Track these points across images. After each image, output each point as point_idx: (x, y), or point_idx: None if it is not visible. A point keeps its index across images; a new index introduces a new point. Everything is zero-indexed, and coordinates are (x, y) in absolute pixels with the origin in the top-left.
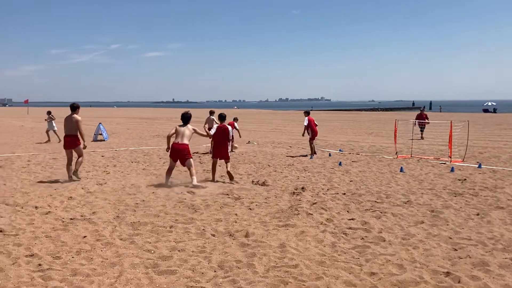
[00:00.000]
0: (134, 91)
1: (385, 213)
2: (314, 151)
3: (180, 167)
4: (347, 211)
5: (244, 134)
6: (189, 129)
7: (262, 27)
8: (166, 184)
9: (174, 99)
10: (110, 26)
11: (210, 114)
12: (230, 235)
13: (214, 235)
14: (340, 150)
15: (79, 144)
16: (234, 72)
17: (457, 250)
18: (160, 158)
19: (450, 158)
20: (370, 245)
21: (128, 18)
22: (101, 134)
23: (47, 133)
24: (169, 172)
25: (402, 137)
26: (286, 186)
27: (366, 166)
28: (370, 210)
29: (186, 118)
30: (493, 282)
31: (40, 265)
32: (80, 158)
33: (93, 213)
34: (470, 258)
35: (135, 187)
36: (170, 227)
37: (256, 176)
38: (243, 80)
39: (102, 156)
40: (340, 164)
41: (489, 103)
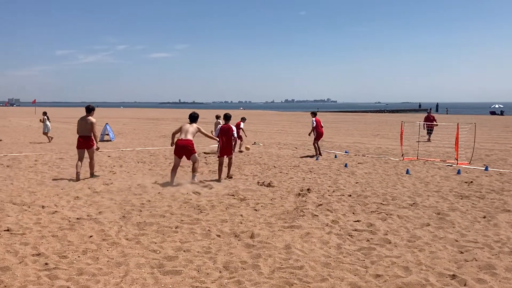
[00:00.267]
0: (140, 92)
1: (391, 215)
2: (319, 152)
3: (185, 168)
4: (353, 213)
5: (249, 135)
6: (193, 127)
7: (269, 28)
8: (171, 183)
9: (180, 100)
10: (117, 27)
11: (217, 118)
12: (236, 236)
13: (219, 236)
14: (346, 152)
15: (93, 145)
16: (240, 73)
17: (463, 253)
18: (166, 159)
19: (457, 160)
20: (375, 247)
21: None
22: (107, 135)
23: (45, 134)
24: (174, 170)
25: (409, 139)
26: (291, 188)
27: (372, 168)
28: (376, 212)
29: (193, 117)
30: (499, 285)
31: (46, 264)
32: (92, 161)
33: (99, 213)
34: (476, 261)
35: (141, 187)
36: (176, 228)
37: (261, 177)
38: (249, 81)
39: (109, 156)
40: (346, 165)
41: (496, 106)
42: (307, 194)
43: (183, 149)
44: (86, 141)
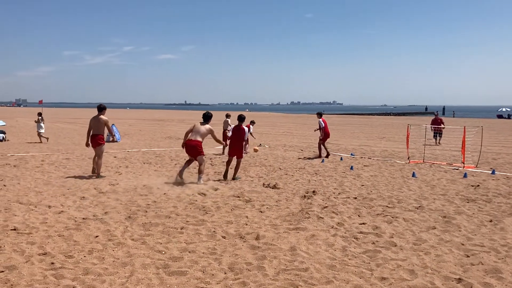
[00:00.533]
0: (146, 93)
1: (396, 218)
2: (328, 153)
3: (191, 169)
4: (358, 216)
5: (255, 136)
6: (206, 128)
7: (275, 30)
8: (180, 172)
9: (186, 101)
10: (124, 28)
11: (226, 117)
12: (241, 238)
13: (224, 237)
14: (351, 154)
15: (103, 144)
16: (246, 75)
17: (469, 257)
18: (171, 160)
19: (463, 164)
20: (381, 249)
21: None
22: (112, 136)
23: (38, 135)
24: (188, 162)
25: (415, 142)
26: (297, 190)
27: (378, 170)
28: (382, 215)
29: (206, 117)
30: None
31: (52, 263)
32: (99, 160)
33: (105, 213)
34: (483, 265)
35: (147, 188)
36: (181, 228)
37: (267, 179)
38: (255, 83)
39: (115, 157)
40: (351, 168)
41: (503, 109)
42: (313, 196)
43: (192, 149)
44: (96, 139)
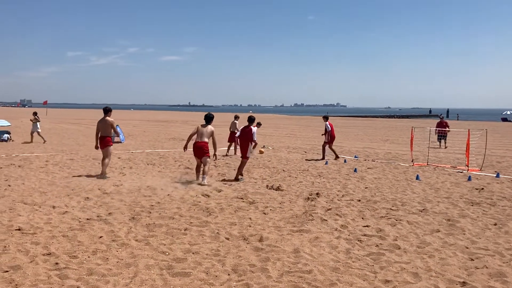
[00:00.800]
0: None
1: (400, 220)
2: (336, 156)
3: (194, 171)
4: (362, 218)
5: (259, 138)
6: (209, 129)
7: (278, 33)
8: (197, 180)
9: (190, 103)
10: (129, 30)
11: (235, 118)
12: (244, 239)
13: (228, 239)
14: (355, 157)
15: (110, 145)
16: (250, 76)
17: (473, 260)
18: (175, 161)
19: (467, 166)
20: (385, 252)
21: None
22: (118, 136)
23: (31, 134)
24: (198, 169)
25: (419, 144)
26: (300, 192)
27: (382, 173)
28: (385, 218)
29: (208, 118)
30: None
31: (57, 263)
32: (106, 160)
33: (109, 214)
34: (487, 268)
35: (151, 189)
36: (185, 230)
37: (270, 180)
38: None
39: (119, 158)
40: (355, 170)
41: (508, 112)
42: (316, 198)
43: (199, 150)
44: (103, 141)
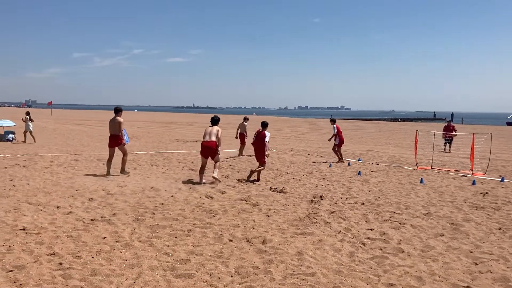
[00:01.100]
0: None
1: (404, 224)
2: (341, 158)
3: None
4: (366, 221)
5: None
6: (216, 129)
7: (283, 35)
8: (200, 182)
9: (194, 105)
10: (134, 31)
11: (244, 120)
12: (248, 241)
13: (231, 241)
14: (359, 160)
15: (121, 143)
16: (253, 78)
17: (477, 265)
18: (179, 162)
19: (472, 171)
20: (388, 256)
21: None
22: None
23: (24, 134)
24: (202, 170)
25: (423, 148)
26: (304, 194)
27: (386, 176)
28: (389, 221)
29: (214, 120)
30: None
31: (61, 264)
32: (125, 157)
33: (113, 214)
34: (491, 273)
35: (155, 190)
36: (188, 231)
37: (274, 183)
38: (263, 86)
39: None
40: (359, 173)
41: None
42: (320, 201)
43: (208, 149)
44: (115, 140)
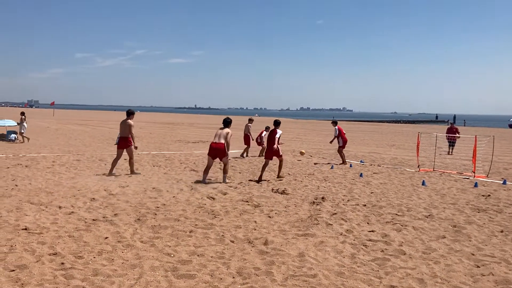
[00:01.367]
0: (157, 97)
1: (406, 226)
2: (344, 161)
3: (199, 173)
4: (367, 223)
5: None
6: (226, 131)
7: (285, 36)
8: (203, 181)
9: (196, 105)
10: (136, 32)
11: (249, 121)
12: (249, 242)
13: (233, 242)
14: (361, 161)
15: (131, 145)
16: (256, 80)
17: (479, 267)
18: (181, 163)
19: (474, 173)
20: (390, 258)
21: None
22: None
23: (21, 134)
24: (206, 171)
25: (425, 150)
26: (306, 196)
27: (388, 178)
28: (391, 223)
29: (226, 122)
30: None
31: (62, 263)
32: (131, 160)
33: (115, 215)
34: (493, 275)
35: (156, 191)
36: (190, 232)
37: (276, 184)
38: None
39: (125, 159)
40: (361, 175)
41: None
42: (322, 202)
43: (216, 151)
44: (124, 141)
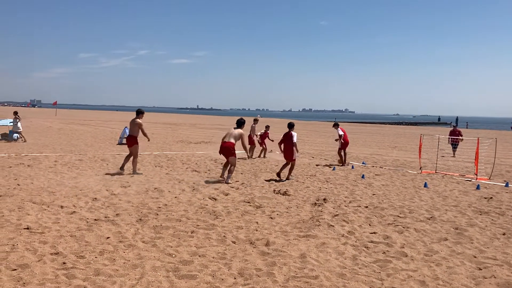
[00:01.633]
0: (159, 97)
1: (407, 228)
2: (345, 161)
3: (201, 173)
4: (369, 225)
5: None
6: (238, 131)
7: (289, 37)
8: (222, 175)
9: (198, 106)
10: (140, 32)
11: (254, 122)
12: (251, 243)
13: (234, 242)
14: (363, 163)
15: (135, 144)
16: (258, 81)
17: (481, 270)
18: (183, 164)
19: (476, 175)
20: (391, 259)
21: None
22: (125, 138)
23: (21, 134)
24: (225, 165)
25: (427, 152)
26: (307, 197)
27: (390, 180)
28: (393, 225)
29: (239, 123)
30: None
31: (64, 263)
32: (134, 159)
33: (116, 215)
34: (495, 278)
35: (158, 191)
36: (192, 232)
37: (277, 185)
38: (267, 89)
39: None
40: (363, 177)
41: None
42: (323, 204)
43: (225, 150)
44: (131, 140)
